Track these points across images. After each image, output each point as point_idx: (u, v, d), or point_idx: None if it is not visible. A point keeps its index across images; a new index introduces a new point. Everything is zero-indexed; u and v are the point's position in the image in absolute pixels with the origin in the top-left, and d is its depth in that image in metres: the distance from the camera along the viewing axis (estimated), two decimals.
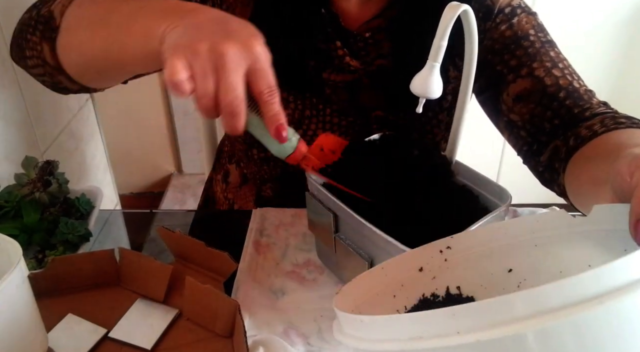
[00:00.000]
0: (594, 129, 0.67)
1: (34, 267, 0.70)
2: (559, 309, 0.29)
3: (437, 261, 0.49)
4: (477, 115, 0.90)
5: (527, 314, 0.29)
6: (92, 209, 0.79)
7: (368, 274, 0.47)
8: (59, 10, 0.67)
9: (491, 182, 0.64)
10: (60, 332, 0.61)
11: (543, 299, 0.29)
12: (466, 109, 0.65)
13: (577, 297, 0.29)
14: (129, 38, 0.59)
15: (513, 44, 0.78)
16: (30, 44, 0.69)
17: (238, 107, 0.50)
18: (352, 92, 0.82)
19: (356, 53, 0.81)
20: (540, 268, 0.48)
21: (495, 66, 0.79)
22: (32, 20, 0.69)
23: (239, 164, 0.96)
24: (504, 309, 0.29)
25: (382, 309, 0.47)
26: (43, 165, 0.76)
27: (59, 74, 0.70)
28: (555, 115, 0.74)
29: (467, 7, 0.54)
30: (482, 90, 0.82)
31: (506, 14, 0.79)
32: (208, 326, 0.62)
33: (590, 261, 0.45)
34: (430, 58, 0.56)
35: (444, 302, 0.48)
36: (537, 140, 0.76)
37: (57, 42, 0.66)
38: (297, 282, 0.72)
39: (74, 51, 0.66)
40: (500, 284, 0.49)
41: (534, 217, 0.48)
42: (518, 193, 0.69)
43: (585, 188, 0.61)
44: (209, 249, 0.68)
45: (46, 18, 0.67)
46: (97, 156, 1.38)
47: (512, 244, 0.49)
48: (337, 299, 0.43)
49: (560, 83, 0.75)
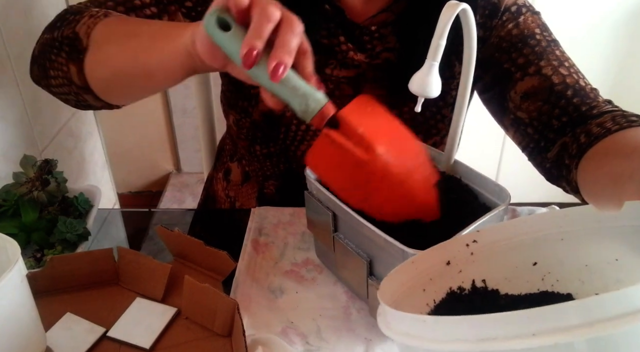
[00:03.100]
0: (606, 126, 0.68)
1: (33, 266, 0.70)
2: (615, 318, 0.29)
3: (463, 254, 0.50)
4: (477, 114, 0.90)
5: (582, 322, 0.29)
6: (90, 208, 0.79)
7: (400, 269, 0.47)
8: (84, 31, 0.67)
9: (490, 181, 0.64)
10: (58, 332, 0.61)
11: (599, 308, 0.29)
12: (465, 108, 0.65)
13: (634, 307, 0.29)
14: (158, 43, 0.60)
15: (520, 43, 0.78)
16: (56, 65, 0.69)
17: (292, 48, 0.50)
18: (355, 88, 0.82)
19: (362, 46, 0.81)
20: (565, 261, 0.48)
21: (503, 64, 0.79)
22: (56, 41, 0.69)
23: (241, 162, 0.96)
24: (560, 316, 0.29)
25: (414, 303, 0.47)
26: (41, 164, 0.76)
27: (85, 93, 0.70)
28: (563, 112, 0.75)
29: (465, 6, 0.54)
30: (487, 88, 0.83)
31: (512, 12, 0.80)
32: (207, 325, 0.62)
33: (617, 255, 0.45)
34: (429, 57, 0.56)
35: (469, 295, 0.49)
36: (545, 138, 0.76)
37: (85, 61, 0.67)
38: (296, 281, 0.72)
39: (101, 66, 0.66)
40: (525, 277, 0.50)
41: (562, 211, 0.48)
42: (517, 192, 0.69)
43: (603, 185, 0.61)
44: (207, 248, 0.68)
45: (71, 39, 0.68)
46: (95, 155, 1.38)
47: (537, 238, 0.49)
48: (380, 295, 0.43)
49: (567, 81, 0.76)
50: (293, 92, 0.52)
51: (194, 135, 2.23)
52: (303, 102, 0.52)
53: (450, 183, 0.68)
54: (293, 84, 0.52)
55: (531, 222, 0.49)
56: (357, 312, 0.67)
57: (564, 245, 0.48)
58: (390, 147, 0.55)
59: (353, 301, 0.69)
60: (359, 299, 0.69)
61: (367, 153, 0.53)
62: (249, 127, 0.85)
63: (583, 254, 0.47)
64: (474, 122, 1.12)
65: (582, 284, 0.48)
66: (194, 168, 2.35)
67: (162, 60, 0.60)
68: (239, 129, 0.87)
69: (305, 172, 0.66)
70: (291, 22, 0.51)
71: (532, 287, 0.50)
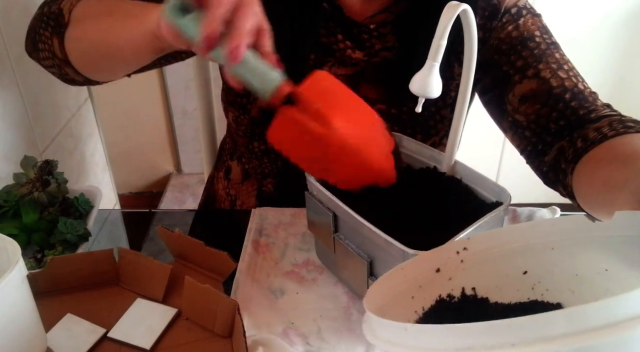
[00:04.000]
0: (602, 131, 0.67)
1: (33, 267, 0.70)
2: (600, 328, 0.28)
3: (453, 261, 0.49)
4: (477, 115, 0.90)
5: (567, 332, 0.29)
6: (91, 208, 0.79)
7: (389, 275, 0.47)
8: (67, 7, 0.73)
9: (491, 182, 0.64)
10: (59, 332, 0.61)
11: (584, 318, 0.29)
12: (466, 109, 0.65)
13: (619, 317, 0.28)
14: (128, 22, 0.65)
15: (519, 45, 0.78)
16: (42, 38, 0.75)
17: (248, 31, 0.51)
18: (353, 86, 0.82)
19: (361, 44, 0.81)
20: (555, 271, 0.48)
21: (502, 66, 0.79)
22: (44, 16, 0.75)
23: (241, 160, 0.96)
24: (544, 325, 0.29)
25: (402, 310, 0.47)
26: (42, 165, 0.76)
27: (65, 66, 0.75)
28: (561, 116, 0.74)
29: (466, 7, 0.54)
30: (486, 90, 0.82)
31: (512, 14, 0.79)
32: (207, 326, 0.62)
33: (606, 265, 0.45)
34: (430, 57, 0.56)
35: (459, 303, 0.49)
36: (542, 141, 0.76)
37: (65, 36, 0.73)
38: (297, 282, 0.72)
39: (78, 41, 0.73)
40: (515, 285, 0.49)
41: (552, 220, 0.48)
42: (517, 193, 0.69)
43: (597, 191, 0.60)
44: (208, 248, 0.68)
45: (56, 14, 0.74)
46: (96, 156, 1.38)
47: (528, 246, 0.49)
48: (366, 302, 0.42)
49: (566, 85, 0.75)
50: (251, 73, 0.54)
51: (194, 137, 2.23)
52: (261, 81, 0.55)
53: (450, 184, 0.68)
54: (251, 65, 0.54)
55: (522, 231, 0.49)
56: (358, 313, 0.67)
57: (555, 254, 0.48)
58: (345, 120, 0.58)
59: (354, 302, 0.69)
60: (359, 300, 0.69)
61: (324, 127, 0.56)
62: (247, 124, 0.85)
63: (573, 264, 0.47)
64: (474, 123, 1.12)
65: (572, 293, 0.48)
66: (195, 169, 2.35)
67: (130, 39, 0.65)
68: (238, 126, 0.87)
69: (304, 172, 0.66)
70: (247, 3, 0.52)
71: (522, 296, 0.49)
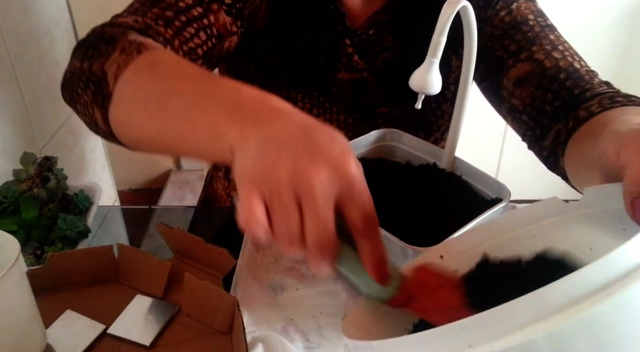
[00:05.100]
0: (591, 109, 0.66)
1: (33, 263, 0.70)
2: (565, 309, 0.28)
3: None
4: (476, 111, 0.90)
5: (534, 319, 0.28)
6: (90, 205, 0.79)
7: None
8: (113, 72, 0.58)
9: (490, 178, 0.64)
10: (58, 329, 0.61)
11: (548, 301, 0.28)
12: (465, 105, 0.65)
13: (583, 293, 0.28)
14: (190, 132, 0.49)
15: (512, 29, 0.78)
16: (82, 102, 0.62)
17: (328, 248, 0.40)
18: (357, 90, 0.82)
19: (362, 52, 0.81)
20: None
21: (495, 52, 0.79)
22: (84, 74, 0.62)
23: None
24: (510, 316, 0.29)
25: (392, 325, 0.45)
26: (41, 162, 0.76)
27: (111, 139, 0.63)
28: (556, 97, 0.73)
29: (466, 3, 0.54)
30: (483, 77, 0.82)
31: (505, 0, 0.79)
32: (207, 322, 0.62)
33: (592, 244, 0.44)
34: (429, 54, 0.56)
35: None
36: (540, 124, 0.75)
37: (110, 111, 0.59)
38: (296, 278, 0.72)
39: (127, 129, 0.59)
40: None
41: (527, 208, 0.47)
42: (517, 189, 0.69)
43: (581, 170, 0.60)
44: (207, 245, 0.68)
45: (99, 78, 0.59)
46: (95, 152, 1.38)
47: (510, 239, 0.48)
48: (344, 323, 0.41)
49: (560, 65, 0.74)
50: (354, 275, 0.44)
51: None
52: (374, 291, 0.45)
53: (450, 180, 0.68)
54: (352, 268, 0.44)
55: (501, 224, 0.48)
56: None
57: (538, 241, 0.47)
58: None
59: (353, 298, 0.69)
60: (359, 297, 0.69)
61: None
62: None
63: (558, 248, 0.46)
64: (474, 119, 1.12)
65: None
66: (194, 165, 2.35)
67: (196, 153, 0.51)
68: None
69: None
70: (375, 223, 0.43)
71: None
